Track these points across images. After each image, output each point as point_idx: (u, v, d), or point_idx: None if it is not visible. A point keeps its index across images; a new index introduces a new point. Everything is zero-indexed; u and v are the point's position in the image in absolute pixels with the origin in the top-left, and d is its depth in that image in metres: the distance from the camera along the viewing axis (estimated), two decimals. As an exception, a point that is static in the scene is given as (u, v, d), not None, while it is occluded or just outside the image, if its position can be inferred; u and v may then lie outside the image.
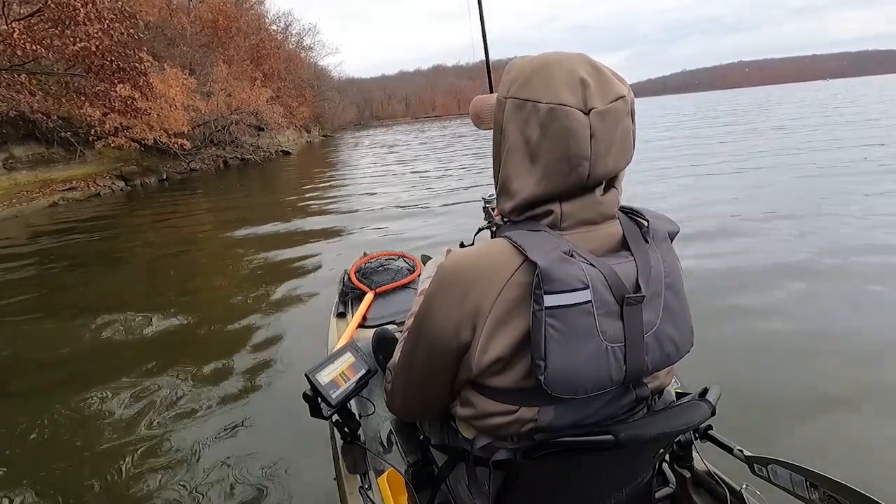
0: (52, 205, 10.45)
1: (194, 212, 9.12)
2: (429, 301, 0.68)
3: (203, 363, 2.80)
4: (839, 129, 12.52)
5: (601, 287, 0.60)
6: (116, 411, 2.35)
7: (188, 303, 3.98)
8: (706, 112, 29.34)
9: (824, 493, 0.79)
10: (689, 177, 7.63)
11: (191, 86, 15.68)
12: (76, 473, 1.96)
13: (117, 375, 2.67)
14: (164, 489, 1.83)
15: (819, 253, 3.77)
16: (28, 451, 2.15)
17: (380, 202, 8.03)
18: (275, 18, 37.45)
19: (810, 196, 5.64)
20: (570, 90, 0.61)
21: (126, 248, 6.54)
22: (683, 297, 0.69)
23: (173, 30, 19.99)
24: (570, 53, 0.65)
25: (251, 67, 25.90)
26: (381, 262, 2.37)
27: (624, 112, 0.63)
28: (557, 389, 0.60)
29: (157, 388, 2.51)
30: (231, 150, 19.87)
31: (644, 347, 0.64)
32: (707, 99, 64.65)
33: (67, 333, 3.46)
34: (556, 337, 0.59)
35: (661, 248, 0.68)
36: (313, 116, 42.72)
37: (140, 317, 3.57)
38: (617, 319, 0.61)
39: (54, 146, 12.37)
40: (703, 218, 5.03)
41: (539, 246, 0.61)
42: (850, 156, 7.95)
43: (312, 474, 1.77)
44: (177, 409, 2.32)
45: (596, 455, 0.68)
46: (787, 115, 19.84)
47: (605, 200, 0.66)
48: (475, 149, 16.20)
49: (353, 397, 1.03)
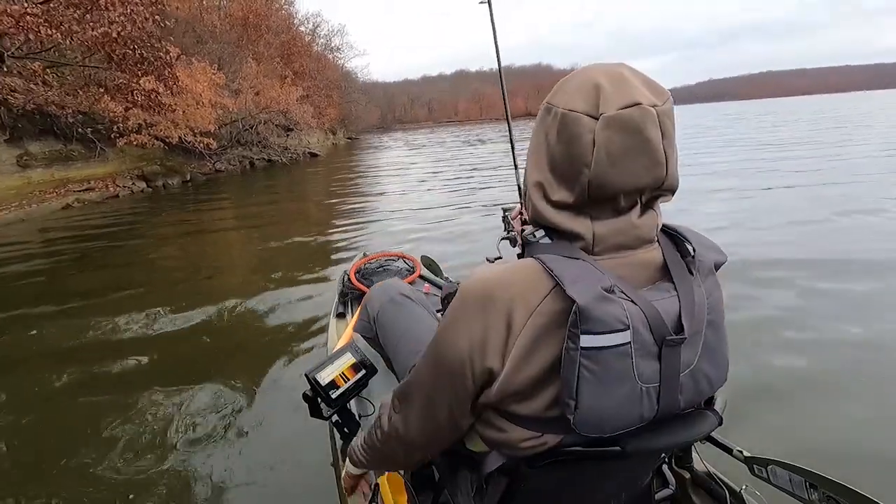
0: (66, 207, 9.46)
1: (216, 217, 8.47)
2: (450, 321, 0.63)
3: (203, 363, 2.80)
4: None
5: (641, 328, 0.57)
6: (116, 410, 2.32)
7: (191, 301, 3.82)
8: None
9: (824, 493, 0.78)
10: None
11: (219, 81, 14.74)
12: (73, 471, 1.92)
13: (117, 375, 2.69)
14: (163, 488, 1.79)
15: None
16: (29, 437, 2.18)
17: (392, 206, 7.91)
18: (303, 20, 36.98)
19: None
20: (583, 95, 0.59)
21: (140, 252, 6.06)
22: (723, 333, 0.65)
23: (203, 27, 19.30)
24: (609, 63, 0.62)
25: (281, 65, 25.06)
26: (381, 263, 2.36)
27: (643, 120, 0.56)
28: (586, 429, 0.58)
29: (157, 388, 2.48)
30: (258, 151, 19.01)
31: (679, 387, 0.61)
32: (751, 109, 61.70)
33: (71, 330, 3.40)
34: (590, 378, 0.56)
35: (707, 283, 0.64)
36: (339, 118, 42.02)
37: (142, 316, 3.53)
38: (654, 360, 0.58)
39: (73, 143, 11.47)
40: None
41: (579, 279, 0.57)
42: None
43: (312, 474, 1.75)
44: (176, 409, 2.30)
45: (600, 463, 0.66)
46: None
47: (642, 223, 0.62)
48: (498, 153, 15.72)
49: (353, 397, 1.05)
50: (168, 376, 2.60)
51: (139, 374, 2.68)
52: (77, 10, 8.35)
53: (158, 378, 2.59)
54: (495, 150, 17.98)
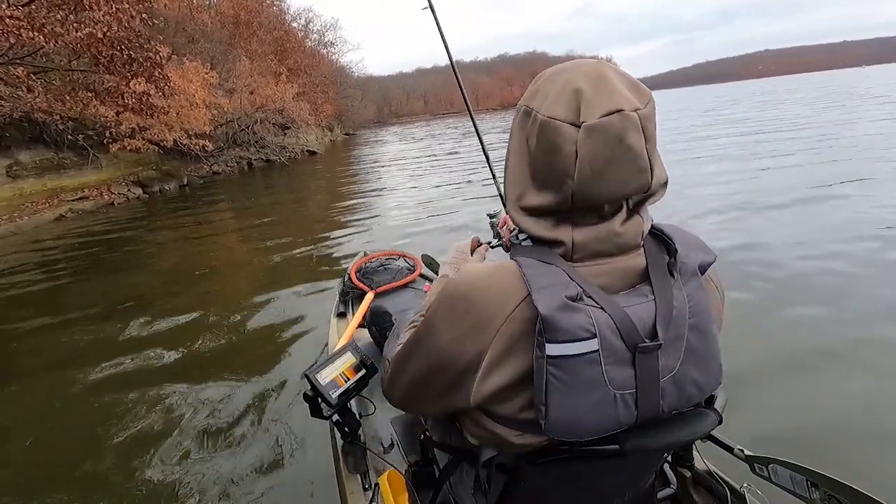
0: (59, 218, 9.13)
1: (215, 220, 8.29)
2: (432, 317, 0.65)
3: (203, 363, 2.78)
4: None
5: (610, 335, 0.56)
6: (114, 410, 2.34)
7: (191, 304, 3.86)
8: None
9: (825, 492, 0.78)
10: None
11: (212, 80, 14.32)
12: (74, 469, 1.95)
13: (116, 374, 2.72)
14: (163, 488, 1.81)
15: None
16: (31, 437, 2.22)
17: (394, 203, 7.88)
18: (295, 15, 36.34)
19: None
20: (563, 102, 0.57)
21: (138, 259, 5.96)
22: (712, 337, 0.63)
23: (194, 25, 18.82)
24: (587, 61, 0.61)
25: (275, 62, 24.54)
26: (382, 262, 2.35)
27: (625, 127, 0.55)
28: (558, 434, 0.58)
29: (156, 389, 2.49)
30: (255, 151, 18.60)
31: (659, 392, 0.60)
32: (749, 90, 61.39)
33: (70, 338, 3.39)
34: (558, 386, 0.56)
35: (689, 285, 0.61)
36: (336, 114, 41.47)
37: (142, 322, 3.52)
38: (628, 367, 0.57)
39: (64, 150, 11.13)
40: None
41: (547, 287, 0.57)
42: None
43: (312, 474, 1.74)
44: (176, 410, 2.30)
45: (600, 461, 0.66)
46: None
47: (625, 230, 0.61)
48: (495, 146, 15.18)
49: (353, 397, 1.04)
50: (168, 378, 2.62)
51: (139, 377, 2.68)
52: (60, 11, 7.95)
53: (158, 380, 2.61)
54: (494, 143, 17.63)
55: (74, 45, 8.35)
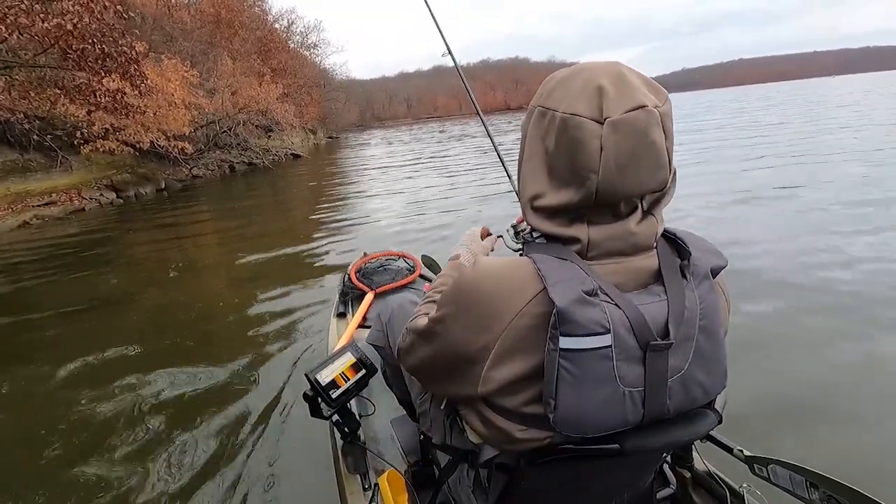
0: (23, 224, 8.38)
1: (198, 223, 7.87)
2: (443, 307, 0.66)
3: (203, 363, 2.75)
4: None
5: (623, 331, 0.57)
6: (114, 410, 2.33)
7: (187, 301, 3.86)
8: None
9: (824, 493, 0.78)
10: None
11: (192, 79, 13.61)
12: (77, 473, 1.92)
13: (116, 374, 2.66)
14: (162, 488, 1.80)
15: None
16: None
17: (387, 204, 7.78)
18: (277, 17, 35.55)
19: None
20: (585, 99, 0.57)
21: (116, 262, 5.32)
22: (719, 340, 0.64)
23: (173, 24, 18.06)
24: (603, 62, 0.62)
25: (258, 62, 23.78)
26: (382, 263, 2.35)
27: (648, 123, 0.55)
28: (566, 429, 0.59)
29: (156, 389, 2.48)
30: (237, 154, 17.84)
31: (667, 392, 0.60)
32: (727, 97, 64.56)
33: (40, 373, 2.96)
34: (569, 380, 0.57)
35: (701, 288, 0.62)
36: (320, 117, 40.72)
37: (135, 316, 3.52)
38: (638, 364, 0.58)
39: (30, 152, 10.31)
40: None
41: (562, 281, 0.57)
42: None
43: (312, 474, 1.73)
44: (176, 410, 2.30)
45: (600, 461, 0.66)
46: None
47: (640, 230, 0.61)
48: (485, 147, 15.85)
49: (353, 397, 1.04)
50: (168, 378, 2.59)
51: (137, 377, 2.63)
52: (24, 1, 7.29)
53: (156, 380, 2.58)
54: (483, 146, 17.34)
55: (41, 38, 7.68)
